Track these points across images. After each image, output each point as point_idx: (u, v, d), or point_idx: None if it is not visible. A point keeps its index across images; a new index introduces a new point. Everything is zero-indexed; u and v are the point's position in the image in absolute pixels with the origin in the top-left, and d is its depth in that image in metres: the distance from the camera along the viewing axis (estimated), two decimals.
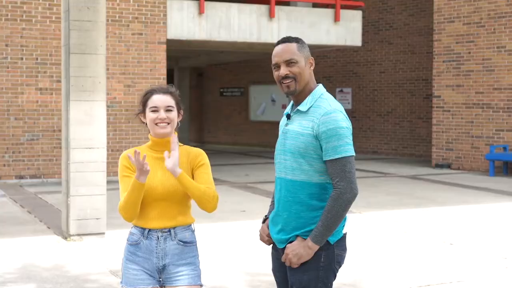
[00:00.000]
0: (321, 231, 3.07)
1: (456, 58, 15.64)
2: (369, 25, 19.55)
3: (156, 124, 3.25)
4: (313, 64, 3.25)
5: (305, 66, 3.20)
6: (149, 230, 3.27)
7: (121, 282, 3.35)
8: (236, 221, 8.71)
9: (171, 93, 3.32)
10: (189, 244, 3.32)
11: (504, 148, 14.66)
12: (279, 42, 3.24)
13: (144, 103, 3.32)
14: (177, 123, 3.33)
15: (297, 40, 3.22)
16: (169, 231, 3.28)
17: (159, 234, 3.27)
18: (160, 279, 3.31)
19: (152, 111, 3.26)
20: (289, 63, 3.18)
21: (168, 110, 3.27)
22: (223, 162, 17.24)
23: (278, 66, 3.22)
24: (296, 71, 3.17)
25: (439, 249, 7.30)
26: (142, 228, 3.29)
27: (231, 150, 21.78)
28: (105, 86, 7.83)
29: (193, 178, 3.30)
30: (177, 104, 3.32)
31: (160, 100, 3.27)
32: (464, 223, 8.91)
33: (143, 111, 3.33)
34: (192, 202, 3.34)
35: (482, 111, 15.19)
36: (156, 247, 3.27)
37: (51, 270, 6.32)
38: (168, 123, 3.26)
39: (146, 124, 3.32)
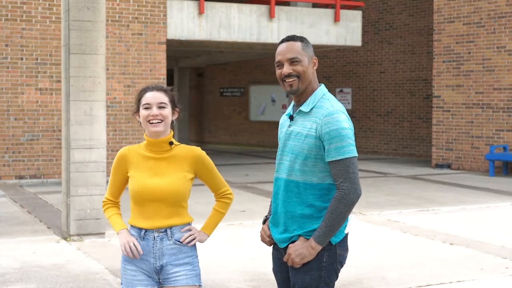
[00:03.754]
0: (324, 231, 3.06)
1: (456, 58, 15.64)
2: (369, 25, 19.55)
3: (148, 121, 3.22)
4: (316, 64, 3.23)
5: (309, 66, 3.18)
6: (146, 230, 3.26)
7: (121, 283, 3.34)
8: (235, 221, 8.71)
9: (164, 91, 3.27)
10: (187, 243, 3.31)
11: (504, 148, 14.66)
12: (283, 41, 3.22)
13: (138, 101, 3.29)
14: (172, 121, 3.29)
15: (301, 39, 3.20)
16: (165, 231, 3.26)
17: (155, 234, 3.25)
18: (159, 280, 3.29)
19: (145, 108, 3.23)
20: (293, 61, 3.16)
21: (160, 107, 3.23)
22: (223, 162, 17.24)
23: (281, 64, 3.20)
24: (299, 70, 3.16)
25: (439, 249, 7.29)
26: (139, 228, 3.28)
27: (231, 150, 21.78)
28: (105, 86, 7.83)
29: (197, 176, 3.34)
30: (172, 102, 3.28)
31: (153, 97, 3.23)
32: (464, 223, 8.91)
33: (137, 110, 3.30)
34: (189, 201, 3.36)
35: (482, 111, 15.19)
36: (153, 247, 3.25)
37: (51, 270, 6.31)
38: (162, 121, 3.22)
39: (140, 123, 3.29)
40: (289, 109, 3.33)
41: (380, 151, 19.62)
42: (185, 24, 14.00)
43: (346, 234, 3.21)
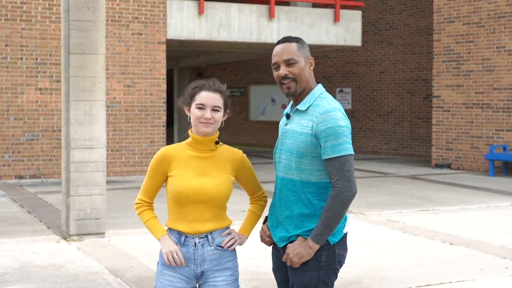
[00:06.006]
0: (321, 230, 3.06)
1: (456, 58, 15.64)
2: (369, 25, 19.55)
3: (200, 122, 3.13)
4: (313, 64, 3.25)
5: (305, 66, 3.19)
6: (186, 236, 3.16)
7: (155, 287, 3.24)
8: (236, 221, 8.70)
9: (221, 92, 3.18)
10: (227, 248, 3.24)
11: (504, 148, 14.66)
12: (279, 42, 3.23)
13: (192, 96, 3.17)
14: (222, 122, 3.22)
15: (297, 40, 3.21)
16: (206, 236, 3.17)
17: (196, 240, 3.16)
18: (197, 284, 3.22)
19: (199, 108, 3.13)
20: (289, 63, 3.17)
21: (214, 109, 3.14)
22: None
23: (277, 66, 3.21)
24: (295, 71, 3.17)
25: (439, 249, 7.29)
26: (178, 233, 3.18)
27: None
28: (105, 86, 7.83)
29: (236, 179, 3.29)
30: (225, 103, 3.20)
31: (209, 98, 3.13)
32: (464, 223, 8.91)
33: (189, 104, 3.19)
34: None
35: (482, 111, 15.19)
36: (194, 253, 3.16)
37: (51, 269, 6.31)
38: (212, 123, 3.14)
39: (189, 118, 3.19)
40: (287, 108, 3.34)
41: (380, 151, 19.62)
42: (185, 24, 14.00)
43: (345, 234, 3.21)
